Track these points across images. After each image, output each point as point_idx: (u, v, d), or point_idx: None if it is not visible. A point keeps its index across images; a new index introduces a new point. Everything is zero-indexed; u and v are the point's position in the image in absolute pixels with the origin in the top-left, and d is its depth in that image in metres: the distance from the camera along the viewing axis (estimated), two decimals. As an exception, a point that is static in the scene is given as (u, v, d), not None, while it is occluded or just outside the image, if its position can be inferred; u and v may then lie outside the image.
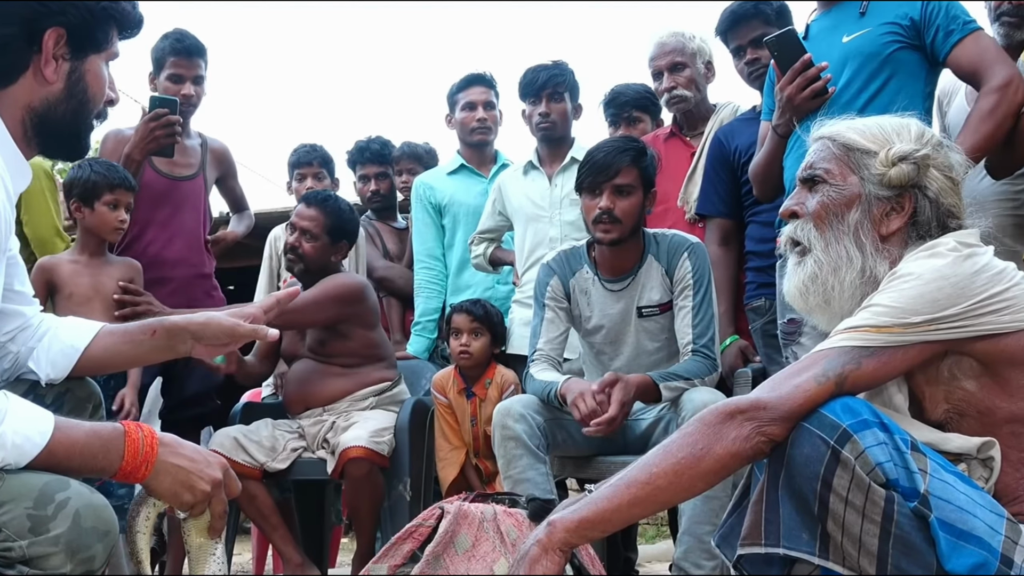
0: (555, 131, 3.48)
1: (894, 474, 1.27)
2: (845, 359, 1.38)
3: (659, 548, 4.93)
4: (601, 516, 1.40)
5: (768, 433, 1.35)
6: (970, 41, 2.38)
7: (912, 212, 1.53)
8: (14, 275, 1.66)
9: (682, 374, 2.59)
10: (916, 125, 1.58)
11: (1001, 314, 1.38)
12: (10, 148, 1.51)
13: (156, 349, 1.72)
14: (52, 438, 1.30)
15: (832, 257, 1.54)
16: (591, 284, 2.79)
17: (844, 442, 1.28)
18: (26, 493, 1.25)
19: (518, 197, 3.48)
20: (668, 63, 3.28)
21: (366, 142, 4.18)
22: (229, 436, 3.03)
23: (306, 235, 3.15)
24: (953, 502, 1.27)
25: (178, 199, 3.24)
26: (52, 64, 1.50)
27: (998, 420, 1.40)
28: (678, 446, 1.38)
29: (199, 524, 1.46)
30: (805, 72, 2.42)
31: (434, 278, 3.75)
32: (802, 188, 1.62)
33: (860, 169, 1.55)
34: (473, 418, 3.21)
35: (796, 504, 1.32)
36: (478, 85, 3.81)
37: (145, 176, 3.13)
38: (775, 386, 1.38)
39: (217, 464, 1.44)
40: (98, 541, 1.27)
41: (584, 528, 1.40)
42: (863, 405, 1.33)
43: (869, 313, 1.41)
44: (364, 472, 2.92)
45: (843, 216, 1.54)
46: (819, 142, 1.62)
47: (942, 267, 1.40)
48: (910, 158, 1.52)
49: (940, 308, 1.37)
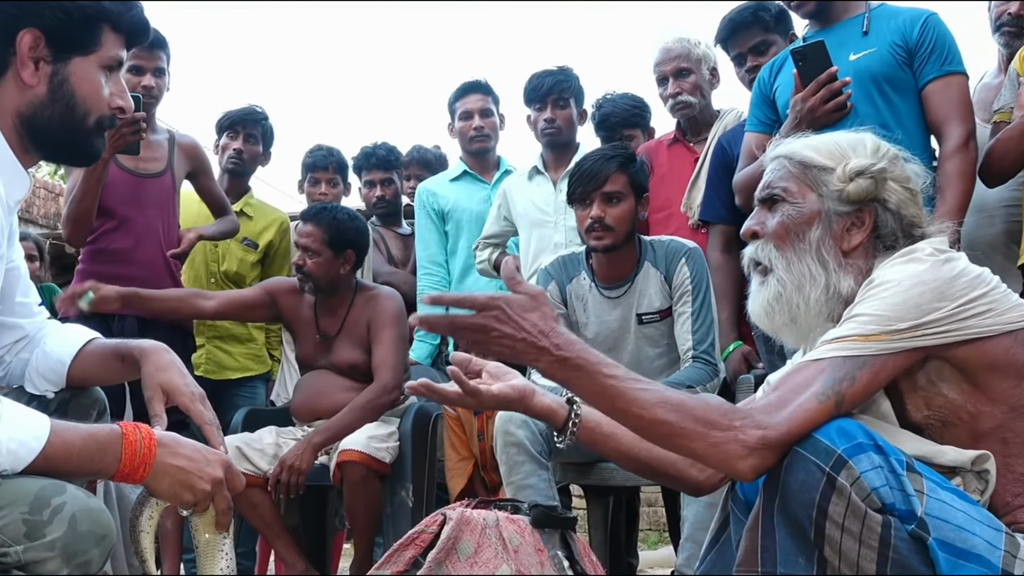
0: (560, 137, 3.49)
1: (890, 498, 1.26)
2: (840, 374, 1.36)
3: (661, 554, 4.93)
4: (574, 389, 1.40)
5: (755, 459, 1.32)
6: (940, 85, 2.45)
7: (873, 226, 1.52)
8: (15, 286, 1.65)
9: (683, 381, 2.59)
10: (871, 139, 1.58)
11: (983, 317, 1.38)
12: (5, 155, 1.50)
13: (124, 374, 1.70)
14: (48, 443, 1.29)
15: (795, 276, 1.53)
16: (588, 291, 2.79)
17: (839, 468, 1.26)
18: (21, 498, 1.24)
19: (523, 202, 3.49)
20: (673, 69, 3.28)
21: (372, 148, 4.17)
22: (232, 445, 2.98)
23: (308, 252, 3.12)
24: (951, 521, 1.27)
25: (144, 197, 3.14)
26: (30, 67, 1.48)
27: (986, 428, 1.39)
28: (672, 406, 1.34)
29: (206, 519, 1.46)
30: (830, 85, 2.43)
31: (437, 284, 3.75)
32: (761, 208, 1.61)
33: (818, 186, 1.54)
34: (480, 433, 3.21)
35: (792, 530, 1.31)
36: (474, 93, 3.81)
37: (110, 174, 3.03)
38: (779, 404, 1.35)
39: (218, 462, 1.43)
40: (95, 545, 1.26)
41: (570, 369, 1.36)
42: (857, 427, 1.31)
43: (854, 323, 1.40)
44: (360, 476, 2.90)
45: (804, 234, 1.53)
46: (775, 161, 1.62)
47: (922, 272, 1.40)
48: (867, 172, 1.51)
49: (924, 313, 1.37)
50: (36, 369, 1.67)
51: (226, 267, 3.70)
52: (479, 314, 1.36)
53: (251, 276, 3.76)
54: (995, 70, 2.86)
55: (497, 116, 3.87)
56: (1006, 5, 2.79)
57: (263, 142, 3.83)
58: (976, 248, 2.73)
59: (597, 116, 3.70)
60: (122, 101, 1.58)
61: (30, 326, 1.69)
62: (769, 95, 2.70)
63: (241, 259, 3.73)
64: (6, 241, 1.56)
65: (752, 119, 2.75)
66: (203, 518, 1.46)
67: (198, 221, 3.47)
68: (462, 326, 1.37)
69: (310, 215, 3.20)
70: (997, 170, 2.46)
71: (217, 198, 3.48)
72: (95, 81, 1.54)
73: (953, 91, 2.46)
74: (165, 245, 3.16)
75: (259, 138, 3.81)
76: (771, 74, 2.72)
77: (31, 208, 7.37)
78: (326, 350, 3.21)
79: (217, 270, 3.70)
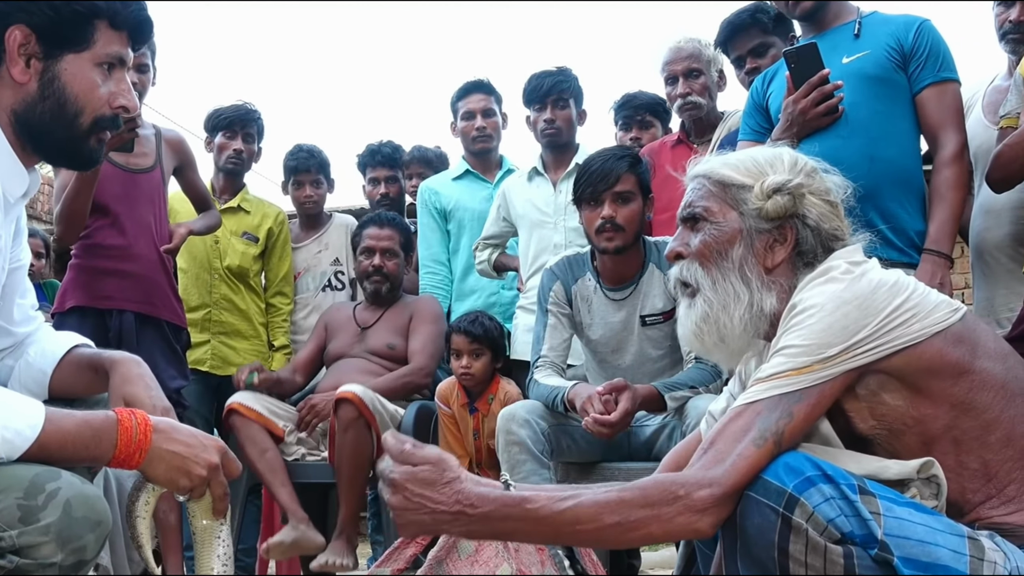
0: (560, 137, 3.49)
1: (848, 527, 1.25)
2: (776, 414, 1.35)
3: (662, 555, 4.92)
4: (512, 538, 1.37)
5: (710, 516, 1.31)
6: (936, 92, 2.47)
7: (795, 242, 1.52)
8: (16, 288, 1.64)
9: (686, 383, 2.59)
10: (789, 154, 1.57)
11: (908, 324, 1.37)
12: (5, 152, 1.49)
13: (99, 385, 1.65)
14: (43, 431, 1.28)
15: (720, 295, 1.53)
16: (593, 292, 2.79)
17: (792, 507, 1.26)
18: (16, 483, 1.24)
19: (523, 203, 3.49)
20: (684, 68, 3.28)
21: (377, 146, 4.19)
22: (252, 396, 3.18)
23: (387, 254, 3.38)
24: (912, 537, 1.25)
25: (136, 192, 3.14)
26: (19, 64, 1.47)
27: (935, 430, 1.38)
28: (612, 508, 1.32)
29: (202, 505, 1.46)
30: (822, 87, 2.43)
31: (439, 283, 3.76)
32: (684, 228, 1.61)
33: (738, 204, 1.54)
34: (476, 432, 3.22)
35: (756, 571, 1.31)
36: (476, 93, 3.82)
37: (102, 170, 3.00)
38: (717, 458, 1.34)
39: (214, 447, 1.42)
40: (89, 531, 1.26)
41: (496, 521, 1.32)
42: (803, 460, 1.30)
43: (784, 357, 1.39)
44: (352, 417, 2.97)
45: (726, 253, 1.53)
46: (695, 180, 1.61)
47: (842, 292, 1.39)
48: (784, 189, 1.51)
49: (851, 334, 1.36)
50: (19, 379, 1.65)
51: (228, 262, 3.72)
52: (391, 496, 1.32)
53: (254, 269, 3.79)
54: (1005, 74, 2.86)
55: (500, 116, 3.87)
56: (1006, 12, 2.80)
57: (257, 139, 3.87)
58: (984, 249, 2.73)
59: (620, 99, 3.71)
60: (125, 100, 1.56)
61: (21, 333, 1.68)
62: (762, 103, 2.70)
63: (243, 253, 3.76)
64: (10, 239, 1.55)
65: (745, 127, 2.75)
66: (200, 504, 1.45)
67: (192, 217, 3.48)
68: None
69: (387, 220, 3.46)
70: (1004, 175, 2.46)
71: (201, 193, 3.49)
72: (88, 79, 1.51)
73: (948, 99, 2.48)
74: (158, 240, 3.16)
75: (255, 136, 3.84)
76: (764, 82, 2.73)
77: (35, 204, 7.36)
78: (361, 339, 3.37)
79: (220, 265, 3.72)
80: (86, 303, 3.02)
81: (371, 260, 3.37)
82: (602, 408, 2.46)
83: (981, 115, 2.80)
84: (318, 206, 4.08)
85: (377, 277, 3.34)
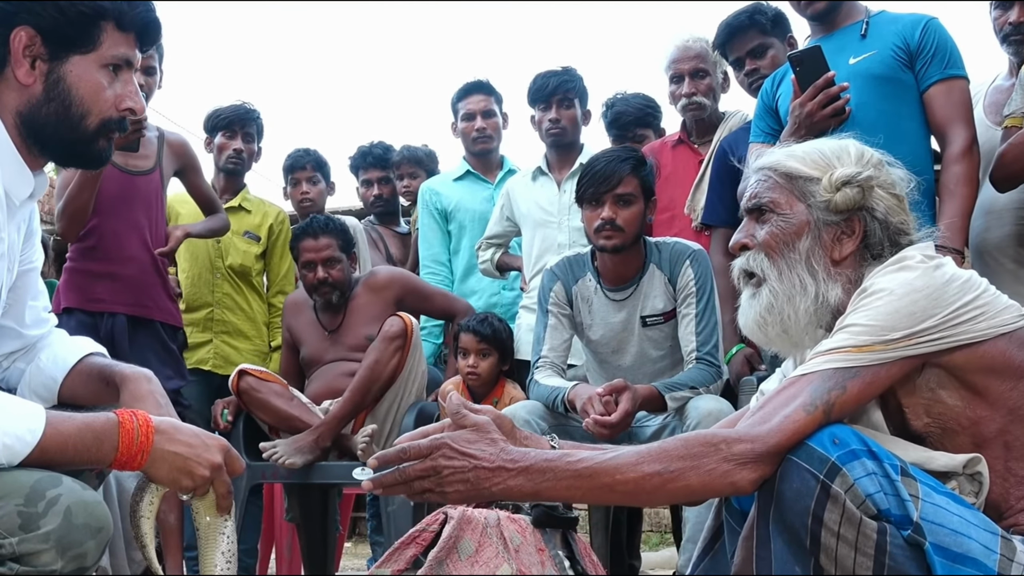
0: (565, 137, 3.49)
1: (885, 504, 1.26)
2: (830, 384, 1.36)
3: (663, 555, 4.93)
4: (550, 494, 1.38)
5: (750, 472, 1.32)
6: (943, 89, 2.46)
7: (863, 234, 1.52)
8: (27, 290, 1.63)
9: (687, 383, 2.58)
10: (855, 146, 1.58)
11: (976, 322, 1.37)
12: (9, 154, 1.48)
13: (109, 397, 1.64)
14: (44, 435, 1.28)
15: (787, 286, 1.53)
16: (593, 292, 2.79)
17: (833, 476, 1.26)
18: (16, 490, 1.23)
19: (527, 203, 3.48)
20: (691, 68, 3.27)
21: (369, 147, 4.19)
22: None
23: (328, 263, 3.25)
24: (947, 525, 1.26)
25: (133, 194, 3.12)
26: (24, 65, 1.46)
27: (988, 433, 1.38)
28: (654, 457, 1.33)
29: (206, 503, 1.45)
30: (827, 89, 2.42)
31: (439, 283, 3.75)
32: (749, 220, 1.61)
33: (806, 197, 1.55)
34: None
35: (788, 538, 1.31)
36: (476, 93, 3.81)
37: None
38: (764, 418, 1.35)
39: (217, 447, 1.42)
40: (90, 538, 1.25)
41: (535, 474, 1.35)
42: (850, 433, 1.31)
43: (847, 334, 1.40)
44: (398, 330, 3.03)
45: (794, 245, 1.54)
46: (759, 173, 1.61)
47: (914, 280, 1.40)
48: (853, 181, 1.51)
49: (918, 321, 1.36)
50: (28, 384, 1.65)
51: (230, 261, 3.71)
52: (427, 458, 1.35)
53: (256, 268, 3.78)
54: (1006, 73, 2.86)
55: (500, 116, 3.86)
56: (1005, 15, 2.79)
57: (257, 139, 3.86)
58: (985, 250, 2.72)
59: (609, 115, 3.69)
60: (132, 102, 1.54)
61: (32, 336, 1.67)
62: (772, 105, 2.70)
63: (245, 252, 3.75)
64: (19, 240, 1.55)
65: (756, 130, 2.76)
66: (203, 501, 1.45)
67: (197, 219, 3.48)
68: (414, 476, 1.36)
69: (314, 228, 3.28)
70: (1008, 174, 2.46)
71: (207, 196, 3.47)
72: (95, 80, 1.50)
73: (956, 95, 2.47)
74: (152, 242, 3.15)
75: (255, 136, 3.83)
76: (774, 84, 2.73)
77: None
78: (332, 343, 3.29)
79: (222, 265, 3.71)
80: (78, 305, 3.02)
81: (315, 273, 3.26)
82: (602, 409, 2.45)
83: (983, 115, 2.79)
84: (316, 205, 4.06)
85: (325, 288, 3.25)
